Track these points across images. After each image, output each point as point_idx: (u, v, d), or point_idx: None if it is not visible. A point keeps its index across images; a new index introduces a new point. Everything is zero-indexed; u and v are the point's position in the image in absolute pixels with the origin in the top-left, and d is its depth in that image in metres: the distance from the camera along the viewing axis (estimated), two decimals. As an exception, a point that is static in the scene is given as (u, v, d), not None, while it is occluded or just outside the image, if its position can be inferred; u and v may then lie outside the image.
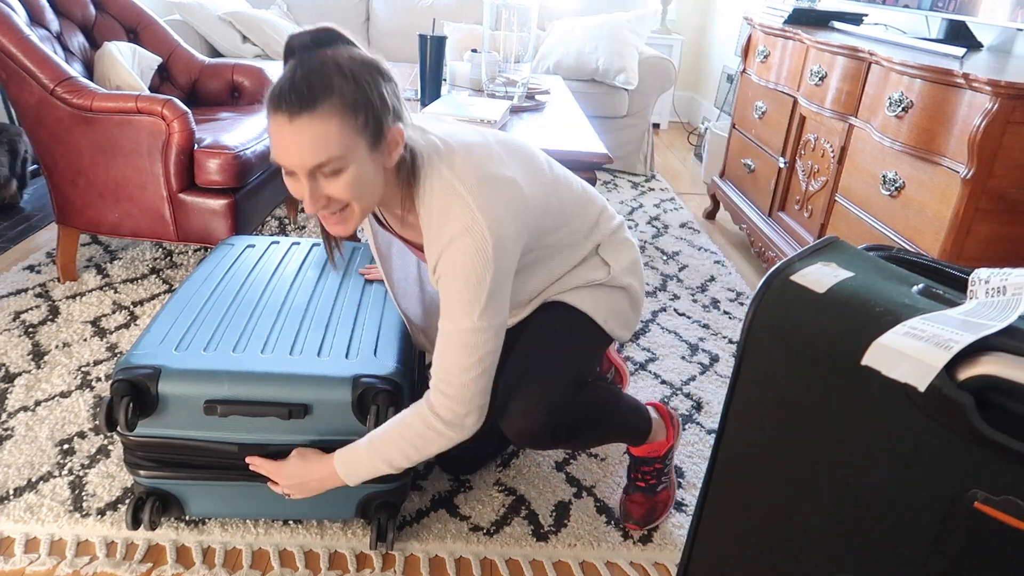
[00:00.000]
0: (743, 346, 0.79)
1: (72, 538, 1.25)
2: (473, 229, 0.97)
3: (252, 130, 2.09)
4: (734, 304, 2.29)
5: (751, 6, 3.89)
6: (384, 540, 1.23)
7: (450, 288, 1.01)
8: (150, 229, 2.00)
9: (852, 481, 0.71)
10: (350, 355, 1.20)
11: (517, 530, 1.33)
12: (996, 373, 0.59)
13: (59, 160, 1.94)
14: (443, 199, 1.00)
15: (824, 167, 2.13)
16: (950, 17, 1.97)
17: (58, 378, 1.67)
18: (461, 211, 0.98)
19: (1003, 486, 0.60)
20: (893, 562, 0.69)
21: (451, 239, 0.99)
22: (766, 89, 2.57)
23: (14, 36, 1.84)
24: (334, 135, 0.91)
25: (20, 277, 2.12)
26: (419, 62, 2.17)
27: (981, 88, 1.45)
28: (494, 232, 0.98)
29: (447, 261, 1.00)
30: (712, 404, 1.75)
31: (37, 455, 1.43)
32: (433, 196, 1.01)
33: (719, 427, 0.86)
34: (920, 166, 1.66)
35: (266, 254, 1.53)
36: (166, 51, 2.49)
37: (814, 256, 0.79)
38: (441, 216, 1.00)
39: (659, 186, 3.44)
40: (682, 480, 1.50)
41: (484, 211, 0.98)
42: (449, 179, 1.00)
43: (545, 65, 3.52)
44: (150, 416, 1.13)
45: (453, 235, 0.98)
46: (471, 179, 1.00)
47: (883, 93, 1.80)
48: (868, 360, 0.66)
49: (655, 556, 1.30)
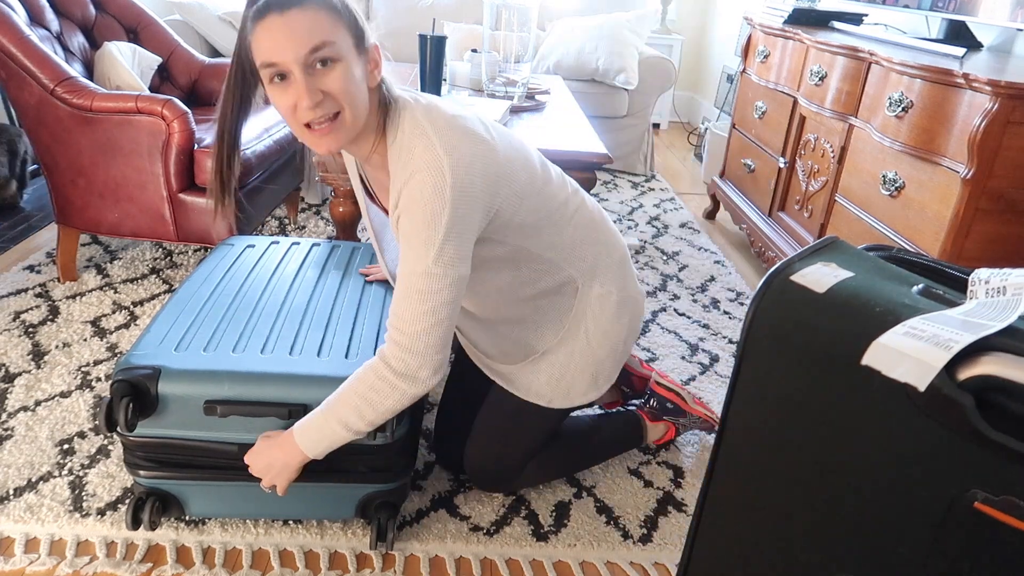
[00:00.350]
0: (743, 346, 0.79)
1: (72, 538, 1.25)
2: (432, 166, 0.96)
3: (252, 130, 2.08)
4: (734, 304, 2.29)
5: (751, 6, 3.89)
6: (384, 540, 1.22)
7: (406, 227, 0.99)
8: (150, 229, 2.00)
9: (852, 481, 0.71)
10: (350, 355, 1.20)
11: (517, 530, 1.33)
12: (996, 373, 0.59)
13: (59, 160, 1.94)
14: (410, 138, 1.00)
15: (824, 167, 2.13)
16: (950, 17, 1.97)
17: (58, 378, 1.67)
18: (424, 148, 0.98)
19: (1003, 486, 0.60)
20: (893, 562, 0.69)
21: (410, 174, 0.98)
22: (766, 89, 2.57)
23: (14, 36, 1.84)
24: (326, 23, 0.94)
25: (20, 277, 2.12)
26: (419, 62, 2.17)
27: (981, 88, 1.45)
28: (455, 172, 0.97)
29: (406, 197, 0.99)
30: (712, 404, 1.75)
31: (37, 455, 1.43)
32: (402, 134, 1.01)
33: (719, 427, 0.86)
34: (920, 166, 1.66)
35: (266, 254, 1.53)
36: (166, 51, 2.49)
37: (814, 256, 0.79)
38: (406, 153, 0.99)
39: (659, 186, 3.44)
40: (682, 480, 1.50)
41: (447, 151, 0.97)
42: (420, 120, 1.00)
43: (545, 65, 3.52)
44: (150, 416, 1.13)
45: (413, 171, 0.98)
46: (441, 123, 1.00)
47: (883, 93, 1.80)
48: (868, 360, 0.66)
49: (655, 556, 1.30)
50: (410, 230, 0.99)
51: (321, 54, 0.94)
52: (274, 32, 0.93)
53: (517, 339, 1.26)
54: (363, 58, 1.00)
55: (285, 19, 0.92)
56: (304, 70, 0.94)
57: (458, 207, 0.97)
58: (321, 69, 0.95)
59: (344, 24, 0.96)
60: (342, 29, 0.96)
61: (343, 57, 0.96)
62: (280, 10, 0.92)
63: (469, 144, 0.99)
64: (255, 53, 0.96)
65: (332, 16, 0.95)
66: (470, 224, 1.01)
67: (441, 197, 0.96)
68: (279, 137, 2.19)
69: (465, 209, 0.99)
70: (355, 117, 0.99)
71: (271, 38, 0.93)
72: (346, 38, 0.96)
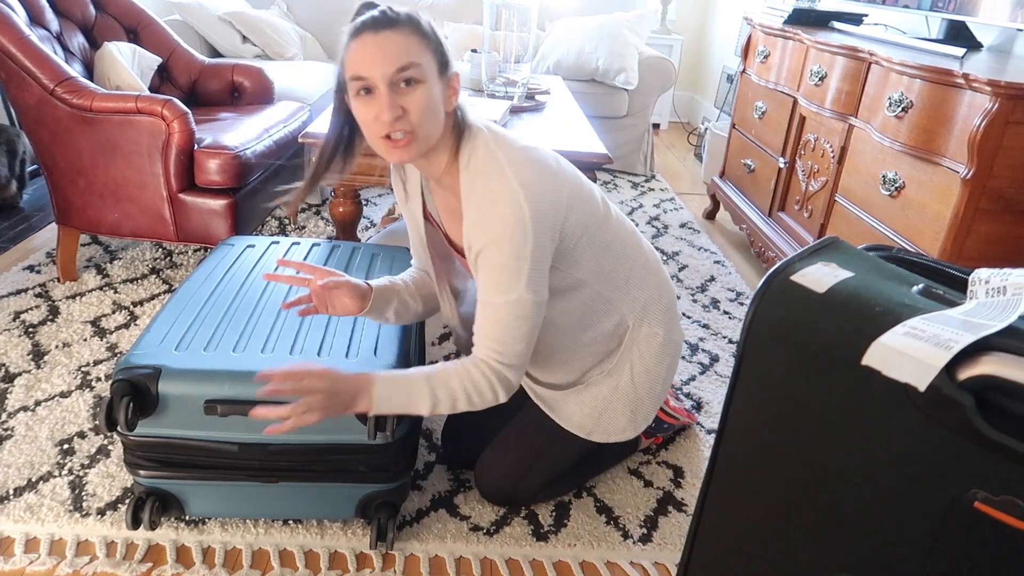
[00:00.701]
0: (743, 346, 0.79)
1: (72, 538, 1.25)
2: (511, 199, 1.03)
3: (252, 130, 2.09)
4: (734, 304, 2.29)
5: (751, 6, 3.89)
6: (384, 540, 1.23)
7: (495, 258, 1.06)
8: (150, 229, 2.00)
9: (852, 481, 0.71)
10: (350, 355, 1.20)
11: (517, 530, 1.33)
12: (996, 373, 0.59)
13: (59, 160, 1.95)
14: (485, 165, 1.07)
15: (824, 167, 2.13)
16: (950, 17, 1.97)
17: (58, 378, 1.67)
18: (500, 180, 1.04)
19: (1003, 486, 0.60)
20: (893, 562, 0.69)
21: (491, 204, 1.05)
22: (766, 89, 2.57)
23: (14, 36, 1.84)
24: (416, 46, 1.02)
25: (20, 277, 2.12)
26: (419, 62, 2.17)
27: (981, 88, 1.45)
28: (531, 204, 1.04)
29: (488, 230, 1.05)
30: (712, 404, 1.75)
31: (37, 455, 1.43)
32: (476, 160, 1.08)
33: (719, 427, 0.86)
34: (920, 166, 1.66)
35: (266, 254, 1.53)
36: (166, 51, 2.49)
37: (814, 256, 0.79)
38: (481, 180, 1.06)
39: (659, 186, 3.44)
40: (682, 480, 1.50)
41: (522, 183, 1.04)
42: (494, 151, 1.07)
43: (545, 65, 3.52)
44: (150, 416, 1.13)
45: (493, 200, 1.04)
46: (514, 155, 1.07)
47: (883, 93, 1.80)
48: (868, 360, 0.66)
49: (655, 556, 1.30)
50: (499, 261, 1.06)
51: (406, 74, 1.00)
52: (367, 49, 1.00)
53: (566, 368, 1.29)
54: (444, 83, 1.06)
55: (378, 39, 1.00)
56: (389, 87, 1.00)
57: (537, 236, 1.05)
58: (405, 88, 1.01)
59: (431, 50, 1.04)
60: (428, 54, 1.03)
61: (426, 79, 1.02)
62: (375, 30, 1.00)
63: (541, 176, 1.06)
64: (347, 66, 1.02)
65: (421, 41, 1.02)
66: (547, 252, 1.09)
67: (524, 229, 1.04)
68: (279, 137, 2.19)
69: (542, 239, 1.06)
70: (428, 135, 1.04)
71: (363, 54, 1.00)
72: (431, 63, 1.03)
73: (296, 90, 2.77)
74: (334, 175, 1.15)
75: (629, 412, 1.29)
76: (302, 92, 2.78)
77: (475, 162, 1.07)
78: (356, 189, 1.96)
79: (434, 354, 1.88)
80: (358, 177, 1.89)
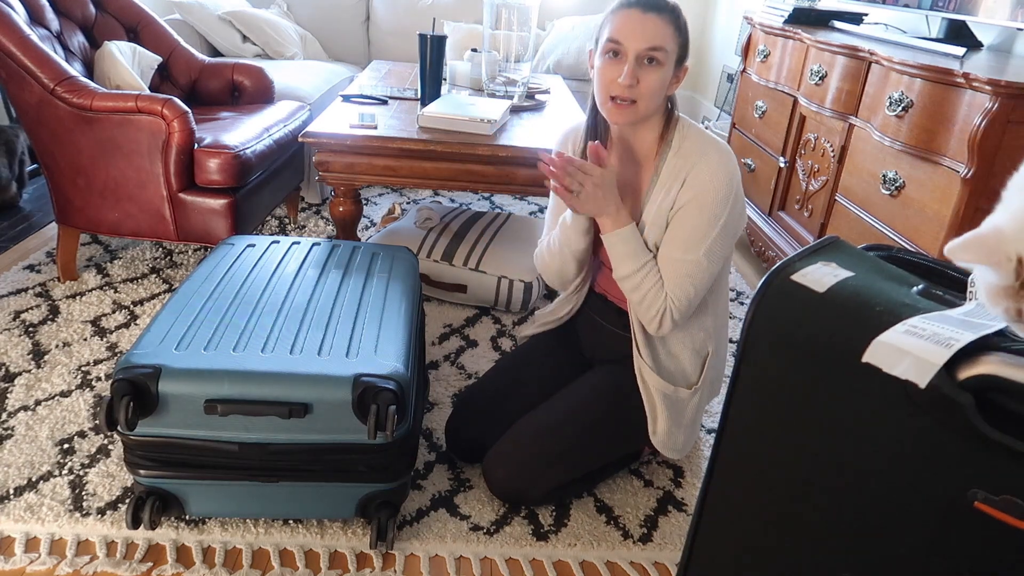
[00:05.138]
0: (743, 346, 0.79)
1: (72, 537, 1.25)
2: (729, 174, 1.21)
3: (252, 129, 2.09)
4: (734, 304, 2.29)
5: (751, 6, 3.89)
6: (384, 539, 1.23)
7: (693, 216, 1.21)
8: (150, 229, 2.00)
9: (852, 481, 0.71)
10: (350, 354, 1.20)
11: (517, 530, 1.33)
12: (996, 373, 0.59)
13: (59, 160, 1.94)
14: (701, 144, 1.24)
15: (824, 166, 2.13)
16: (950, 17, 1.97)
17: (58, 378, 1.67)
18: (719, 156, 1.22)
19: (1003, 486, 0.60)
20: (893, 562, 0.69)
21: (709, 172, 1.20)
22: (766, 88, 2.57)
23: (14, 36, 1.84)
24: (670, 35, 1.19)
25: (20, 277, 2.12)
26: (419, 62, 2.17)
27: (981, 88, 1.45)
28: (735, 186, 1.22)
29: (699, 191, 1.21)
30: (712, 404, 1.75)
31: (37, 454, 1.43)
32: (692, 134, 1.25)
33: (719, 427, 0.86)
34: (920, 166, 1.66)
35: (266, 254, 1.53)
36: (166, 50, 2.49)
37: (814, 256, 0.79)
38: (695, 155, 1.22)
39: (659, 186, 3.44)
40: (682, 480, 1.50)
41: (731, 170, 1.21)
42: (707, 136, 1.25)
43: (545, 64, 3.52)
44: (150, 415, 1.13)
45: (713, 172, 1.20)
46: (721, 144, 1.24)
47: (883, 92, 1.80)
48: (868, 357, 0.66)
49: (655, 556, 1.31)
50: (695, 222, 1.21)
51: (654, 54, 1.17)
52: (632, 23, 1.17)
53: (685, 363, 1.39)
54: (676, 72, 1.23)
55: (644, 18, 1.17)
56: (636, 59, 1.17)
57: (732, 214, 1.22)
58: (647, 65, 1.18)
59: (678, 43, 1.21)
60: (675, 44, 1.20)
61: (665, 63, 1.19)
62: (643, 9, 1.17)
63: (738, 168, 1.24)
64: (607, 28, 1.19)
65: (675, 32, 1.19)
66: (731, 233, 1.24)
67: (726, 202, 1.21)
68: (279, 137, 2.19)
69: (735, 218, 1.23)
70: (647, 108, 1.22)
71: (627, 26, 1.17)
72: (674, 52, 1.20)
73: (296, 89, 2.77)
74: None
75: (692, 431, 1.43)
76: (302, 91, 2.78)
77: (692, 136, 1.25)
78: (356, 189, 1.96)
79: (434, 354, 1.89)
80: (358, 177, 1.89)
